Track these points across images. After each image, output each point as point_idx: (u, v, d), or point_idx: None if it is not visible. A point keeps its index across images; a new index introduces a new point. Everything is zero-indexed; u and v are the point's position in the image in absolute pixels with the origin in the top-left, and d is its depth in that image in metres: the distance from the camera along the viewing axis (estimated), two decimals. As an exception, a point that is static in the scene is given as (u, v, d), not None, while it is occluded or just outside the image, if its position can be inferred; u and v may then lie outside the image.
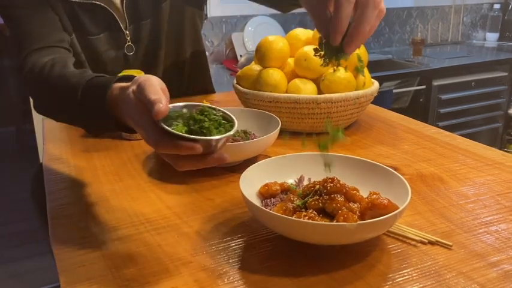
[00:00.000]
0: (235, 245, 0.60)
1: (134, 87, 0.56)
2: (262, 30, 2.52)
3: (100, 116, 0.65)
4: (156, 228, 0.65)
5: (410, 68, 2.66)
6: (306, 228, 0.53)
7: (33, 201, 1.01)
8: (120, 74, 0.95)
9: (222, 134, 0.54)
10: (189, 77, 1.32)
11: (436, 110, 2.64)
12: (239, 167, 0.83)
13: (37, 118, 1.81)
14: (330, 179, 0.59)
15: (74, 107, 0.70)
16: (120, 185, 0.78)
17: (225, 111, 0.58)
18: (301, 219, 0.55)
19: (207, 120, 0.55)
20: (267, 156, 0.88)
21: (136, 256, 0.58)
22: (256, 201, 0.64)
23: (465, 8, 3.23)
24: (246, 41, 2.52)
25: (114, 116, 0.63)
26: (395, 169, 0.67)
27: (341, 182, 0.59)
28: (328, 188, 0.58)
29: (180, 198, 0.73)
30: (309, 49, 0.97)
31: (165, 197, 0.73)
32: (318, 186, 0.60)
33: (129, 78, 0.62)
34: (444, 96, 2.61)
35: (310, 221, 0.54)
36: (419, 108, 2.59)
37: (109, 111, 0.63)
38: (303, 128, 0.98)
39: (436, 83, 2.59)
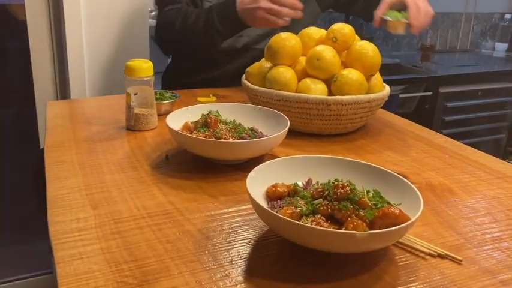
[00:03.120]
0: (239, 246, 0.59)
1: None
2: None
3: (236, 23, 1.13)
4: (157, 223, 0.63)
5: (417, 73, 2.64)
6: (313, 235, 0.51)
7: (33, 187, 0.99)
8: (128, 63, 0.93)
9: None
10: (198, 68, 1.32)
11: (441, 118, 2.62)
12: (244, 165, 0.81)
13: (40, 102, 1.79)
14: (340, 184, 0.57)
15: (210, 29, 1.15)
16: (122, 176, 0.76)
17: None
18: (310, 225, 0.53)
19: None
20: (273, 156, 0.86)
21: (136, 251, 0.57)
22: (263, 203, 0.62)
23: (476, 17, 3.21)
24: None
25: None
26: (404, 177, 0.65)
27: (351, 188, 0.57)
28: (338, 194, 0.56)
29: (183, 193, 0.71)
30: (322, 48, 0.95)
31: (168, 192, 0.72)
32: (327, 192, 0.58)
33: None
34: (450, 104, 2.59)
35: (318, 227, 0.52)
36: (424, 115, 2.57)
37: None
38: (311, 129, 0.96)
39: (442, 90, 2.57)
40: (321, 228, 0.52)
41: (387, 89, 1.01)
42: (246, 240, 0.60)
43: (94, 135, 0.93)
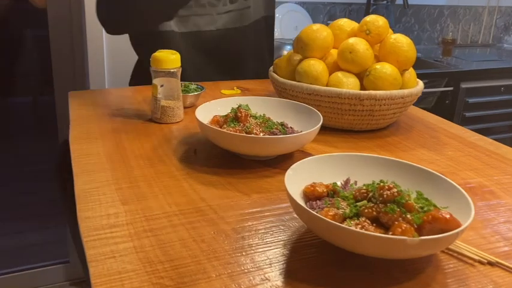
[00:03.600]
0: (276, 248, 0.56)
1: None
2: (290, 17, 2.46)
3: None
4: (191, 221, 0.61)
5: (438, 68, 2.58)
6: (359, 239, 0.49)
7: (57, 177, 0.98)
8: (155, 54, 0.90)
9: None
10: (217, 60, 1.28)
11: (461, 113, 2.56)
12: (274, 161, 0.79)
13: (59, 92, 1.78)
14: (386, 186, 0.54)
15: None
16: (151, 171, 0.74)
17: None
18: (356, 229, 0.50)
19: None
20: (303, 152, 0.84)
21: (170, 251, 0.54)
22: (300, 202, 0.59)
23: (499, 10, 3.13)
24: (273, 28, 2.45)
25: None
26: None
27: (399, 190, 0.54)
28: (385, 196, 0.53)
29: (214, 190, 0.69)
30: (355, 41, 0.92)
31: (199, 188, 0.69)
32: (372, 193, 0.55)
33: None
34: (471, 100, 2.53)
35: (365, 231, 0.49)
36: (444, 110, 2.52)
37: None
38: (341, 124, 0.93)
39: (464, 85, 2.51)
40: (370, 233, 0.49)
41: (421, 85, 0.98)
42: (282, 242, 0.57)
43: (119, 127, 0.91)
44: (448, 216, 0.51)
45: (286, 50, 2.14)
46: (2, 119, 3.39)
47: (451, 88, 2.49)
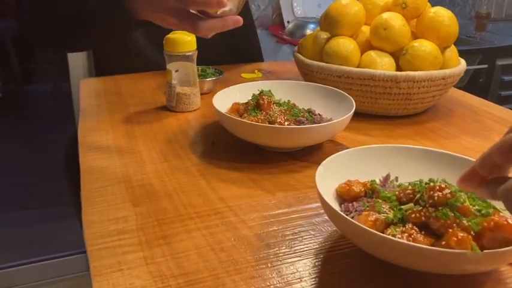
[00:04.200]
0: (306, 258, 0.48)
1: None
2: (313, -6, 2.34)
3: (120, 9, 0.64)
4: (208, 226, 0.53)
5: (471, 44, 2.43)
6: (408, 252, 0.41)
7: (66, 171, 0.92)
8: (168, 36, 0.82)
9: None
10: (233, 40, 1.18)
11: (496, 92, 2.42)
12: (300, 154, 0.71)
13: (74, 78, 1.72)
14: (438, 186, 0.45)
15: (88, 9, 0.66)
16: (165, 166, 0.67)
17: None
18: (403, 241, 0.42)
19: None
20: (333, 142, 0.75)
21: (185, 262, 0.47)
22: (334, 204, 0.52)
23: (537, -19, 2.92)
24: (294, 6, 2.34)
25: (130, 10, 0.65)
26: None
27: (452, 191, 0.45)
28: (435, 198, 0.45)
29: (234, 188, 0.62)
30: (390, 16, 0.82)
31: (217, 186, 0.62)
32: (419, 194, 0.47)
33: None
34: (508, 78, 2.38)
35: (416, 244, 0.41)
36: (477, 89, 2.38)
37: (125, 5, 0.64)
38: (375, 109, 0.84)
39: (500, 62, 2.36)
40: (422, 246, 0.41)
41: (463, 64, 0.87)
42: (313, 250, 0.50)
43: (132, 117, 0.84)
44: (514, 222, 0.43)
45: (310, 30, 2.03)
46: (22, 106, 3.40)
47: (485, 66, 2.34)
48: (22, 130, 3.05)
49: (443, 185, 0.46)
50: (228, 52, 1.17)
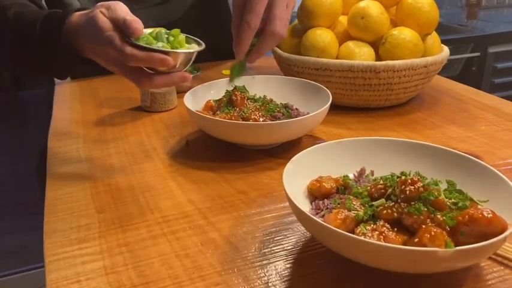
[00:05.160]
0: (277, 260, 0.46)
1: (103, 9, 0.56)
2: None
3: (61, 48, 0.61)
4: (174, 230, 0.51)
5: (463, 33, 2.41)
6: (378, 252, 0.38)
7: (38, 179, 0.89)
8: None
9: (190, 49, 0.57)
10: (209, 35, 1.15)
11: (490, 80, 2.39)
12: (277, 151, 0.68)
13: (59, 81, 1.69)
14: (409, 180, 0.43)
15: (33, 44, 0.64)
16: (134, 169, 0.64)
17: (191, 36, 0.60)
18: (372, 241, 0.39)
19: (174, 39, 0.57)
20: (311, 137, 0.73)
21: (147, 270, 0.45)
22: (305, 202, 0.49)
23: (527, -34, 2.89)
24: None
25: (74, 48, 0.61)
26: (477, 158, 0.51)
27: (425, 185, 0.43)
28: (407, 192, 0.42)
29: (206, 189, 0.59)
30: (367, 4, 0.79)
31: (188, 188, 0.59)
32: (391, 189, 0.44)
33: (87, 9, 0.60)
34: (500, 65, 2.35)
35: (385, 243, 0.38)
36: (470, 78, 2.35)
37: (69, 41, 0.60)
38: (355, 101, 0.81)
39: (492, 50, 2.33)
40: (391, 245, 0.38)
41: (446, 51, 0.85)
42: (285, 252, 0.47)
43: (105, 120, 0.81)
44: (490, 215, 0.40)
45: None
46: (15, 111, 3.37)
47: (477, 54, 2.32)
48: (14, 137, 3.02)
49: (415, 178, 0.43)
50: (207, 49, 1.14)
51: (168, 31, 0.58)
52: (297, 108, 0.73)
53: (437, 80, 0.99)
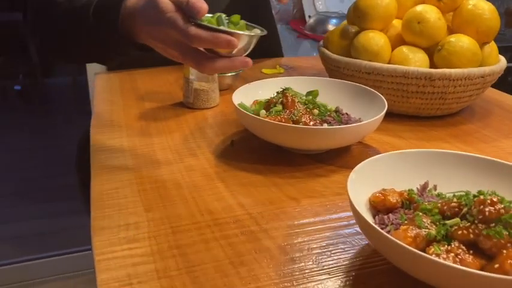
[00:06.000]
0: (336, 275, 0.43)
1: None
2: (336, -12, 2.27)
3: (116, 36, 0.59)
4: (226, 235, 0.49)
5: (501, 41, 2.33)
6: (455, 276, 0.35)
7: (77, 167, 0.88)
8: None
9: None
10: None
11: (526, 92, 2.33)
12: (327, 156, 0.66)
13: (91, 70, 1.69)
14: (489, 200, 0.40)
15: (86, 27, 0.62)
16: (180, 167, 0.62)
17: (250, 23, 0.59)
18: (450, 263, 0.37)
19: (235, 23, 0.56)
20: (362, 144, 0.70)
21: (201, 277, 0.43)
22: (367, 215, 0.46)
23: None
24: (316, 0, 2.27)
25: (130, 35, 0.59)
26: None
27: (506, 206, 0.40)
28: (487, 213, 0.39)
29: (255, 193, 0.57)
30: (424, 9, 0.76)
31: (237, 191, 0.57)
32: (466, 208, 0.41)
33: None
34: (538, 77, 2.28)
35: (464, 268, 0.35)
36: (506, 89, 2.28)
37: (124, 27, 0.58)
38: (406, 109, 0.78)
39: (530, 60, 2.26)
40: (472, 270, 0.35)
41: (503, 61, 0.81)
42: (344, 267, 0.45)
43: (147, 114, 0.80)
44: None
45: (332, 25, 1.97)
46: (41, 99, 3.41)
47: (515, 64, 2.25)
48: (40, 123, 3.05)
49: (495, 199, 0.40)
50: None
51: (227, 16, 0.56)
52: (347, 113, 0.70)
53: (487, 91, 0.95)
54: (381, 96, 0.68)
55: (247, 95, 0.72)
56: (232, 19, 0.56)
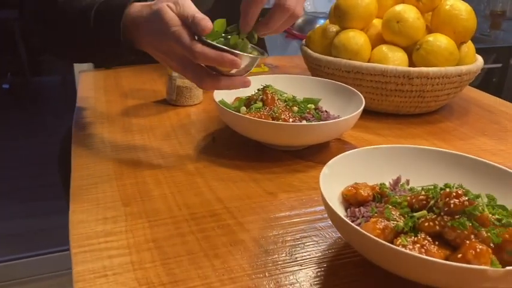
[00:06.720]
0: (309, 267, 0.44)
1: (170, 3, 0.53)
2: (323, -11, 2.28)
3: (116, 40, 0.58)
4: (202, 229, 0.50)
5: (485, 43, 2.37)
6: (420, 266, 0.36)
7: (59, 170, 0.89)
8: None
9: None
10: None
11: (510, 92, 2.36)
12: (306, 153, 0.67)
13: (78, 69, 1.69)
14: (454, 193, 0.41)
15: (86, 30, 0.61)
16: (160, 163, 0.63)
17: (252, 45, 0.59)
18: (415, 253, 0.38)
19: (240, 40, 0.56)
20: (340, 141, 0.71)
21: (175, 269, 0.44)
22: (339, 209, 0.48)
23: (555, -22, 2.84)
24: (304, 1, 2.29)
25: (130, 40, 0.58)
26: None
27: (470, 199, 0.41)
28: (452, 205, 0.41)
29: (234, 188, 0.58)
30: (403, 8, 0.77)
31: (216, 186, 0.58)
32: (433, 201, 0.42)
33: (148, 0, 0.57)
34: (522, 78, 2.32)
35: (428, 257, 0.37)
36: (490, 89, 2.31)
37: (125, 33, 0.57)
38: (385, 107, 0.79)
39: (514, 61, 2.30)
40: (438, 260, 0.36)
41: (480, 60, 0.83)
42: (316, 258, 0.46)
43: (130, 111, 0.80)
44: (539, 235, 0.38)
45: (320, 25, 1.98)
46: (29, 97, 3.39)
47: (499, 65, 2.28)
48: (28, 122, 3.04)
49: (460, 191, 0.41)
50: None
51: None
52: (326, 111, 0.71)
53: (465, 90, 0.97)
54: (359, 93, 0.70)
55: (229, 93, 0.72)
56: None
